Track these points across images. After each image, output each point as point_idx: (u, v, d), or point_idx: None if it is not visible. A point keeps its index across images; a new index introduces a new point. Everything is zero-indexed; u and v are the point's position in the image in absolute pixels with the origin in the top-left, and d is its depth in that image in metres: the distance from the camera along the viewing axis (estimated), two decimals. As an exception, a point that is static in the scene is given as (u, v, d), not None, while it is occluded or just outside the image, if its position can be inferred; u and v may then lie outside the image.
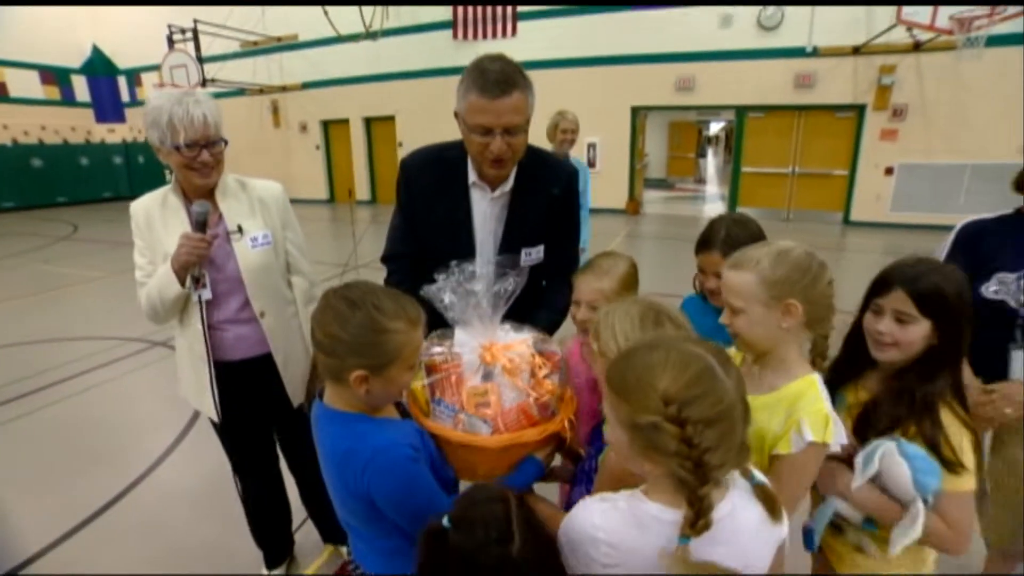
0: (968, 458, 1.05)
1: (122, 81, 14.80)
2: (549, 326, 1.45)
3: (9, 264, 7.51)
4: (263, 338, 1.62)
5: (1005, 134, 7.71)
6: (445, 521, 0.82)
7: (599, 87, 9.95)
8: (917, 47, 7.93)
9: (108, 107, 14.67)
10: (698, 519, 0.75)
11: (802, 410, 1.02)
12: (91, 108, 14.58)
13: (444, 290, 1.17)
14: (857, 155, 8.81)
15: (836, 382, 1.22)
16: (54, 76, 13.76)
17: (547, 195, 1.52)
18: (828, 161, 9.05)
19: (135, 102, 14.73)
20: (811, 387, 1.05)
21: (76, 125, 13.98)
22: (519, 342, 1.21)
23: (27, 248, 8.48)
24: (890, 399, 1.13)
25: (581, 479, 1.27)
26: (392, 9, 10.80)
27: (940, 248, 1.74)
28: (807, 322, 1.07)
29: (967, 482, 1.06)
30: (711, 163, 21.20)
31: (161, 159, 1.47)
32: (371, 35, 10.53)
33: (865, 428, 1.14)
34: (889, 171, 8.62)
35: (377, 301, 0.98)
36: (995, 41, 6.93)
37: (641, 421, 0.77)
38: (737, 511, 0.81)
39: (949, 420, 1.08)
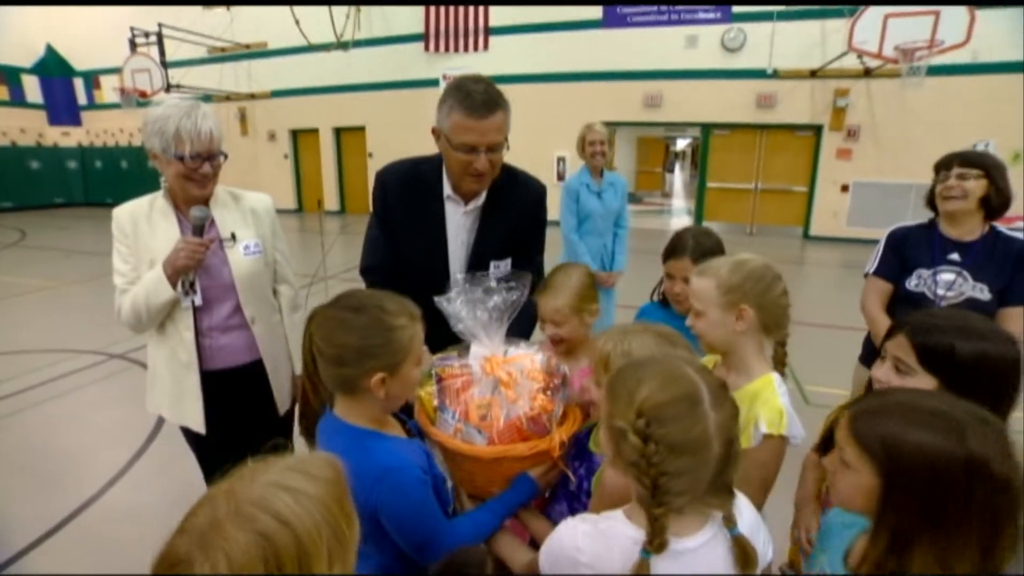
0: None
1: (79, 83, 14.24)
2: (519, 333, 1.45)
3: None
4: (250, 345, 1.62)
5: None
6: None
7: (569, 102, 10.14)
8: (867, 73, 8.40)
9: (62, 109, 14.05)
10: (654, 537, 0.74)
11: (759, 406, 1.11)
12: (44, 110, 13.95)
13: (454, 301, 1.21)
14: (815, 172, 9.23)
15: None
16: (3, 75, 13.13)
17: (516, 211, 1.59)
18: (789, 178, 9.44)
19: (93, 105, 14.18)
20: (767, 385, 1.14)
21: (26, 127, 13.34)
22: (524, 356, 1.22)
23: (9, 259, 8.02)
24: None
25: (560, 497, 1.28)
26: (364, 19, 10.79)
27: (873, 253, 1.96)
28: (763, 327, 1.17)
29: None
30: (678, 178, 21.82)
31: (157, 166, 1.48)
32: (342, 45, 10.48)
33: None
34: (845, 188, 9.06)
35: (378, 302, 1.02)
36: (936, 71, 7.40)
37: (615, 424, 0.78)
38: (708, 550, 0.78)
39: None
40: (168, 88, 10.43)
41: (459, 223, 1.57)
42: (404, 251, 1.56)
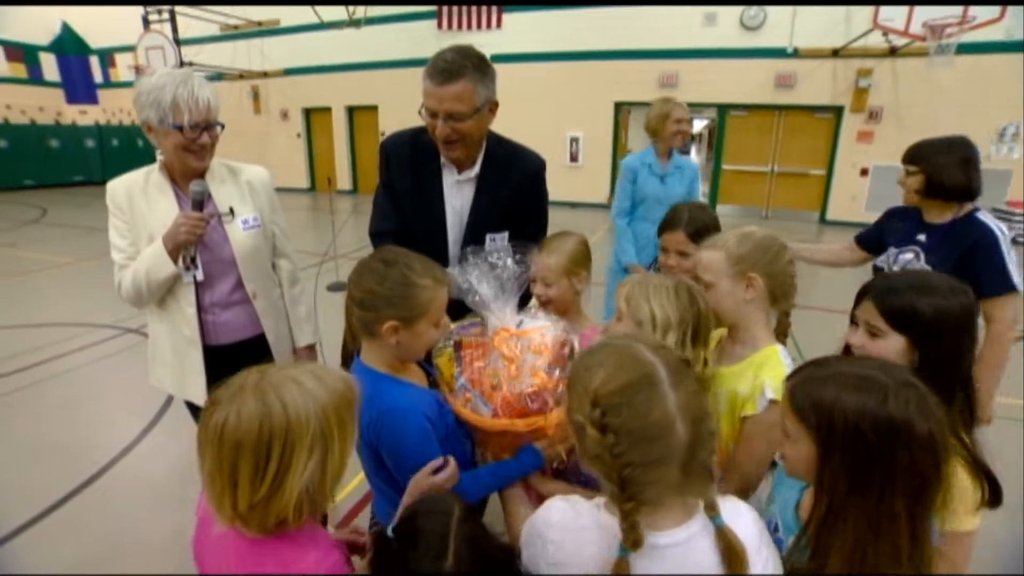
0: (965, 499, 0.86)
1: (94, 61, 14.33)
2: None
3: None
4: (252, 321, 1.63)
5: (973, 140, 7.93)
6: (389, 530, 0.84)
7: (583, 81, 9.97)
8: (893, 52, 8.11)
9: (80, 88, 14.18)
10: (628, 533, 0.69)
11: (765, 374, 1.14)
12: (61, 88, 14.08)
13: (466, 273, 1.24)
14: (834, 155, 9.00)
15: None
16: (21, 53, 13.25)
17: (513, 184, 1.62)
18: (806, 161, 9.22)
19: (108, 83, 14.27)
20: (773, 355, 1.18)
21: (45, 105, 13.47)
22: (536, 329, 1.23)
23: (27, 236, 8.18)
24: None
25: (566, 477, 1.27)
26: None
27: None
28: (770, 297, 1.20)
29: (966, 523, 0.88)
30: (694, 160, 21.38)
31: (153, 139, 1.46)
32: (355, 23, 10.36)
33: None
34: (864, 172, 8.83)
35: (408, 261, 1.10)
36: (965, 49, 7.12)
37: (574, 419, 0.74)
38: (691, 545, 0.73)
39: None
40: (181, 66, 10.43)
41: (454, 192, 1.61)
42: (407, 217, 1.62)
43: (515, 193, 1.62)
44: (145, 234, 1.48)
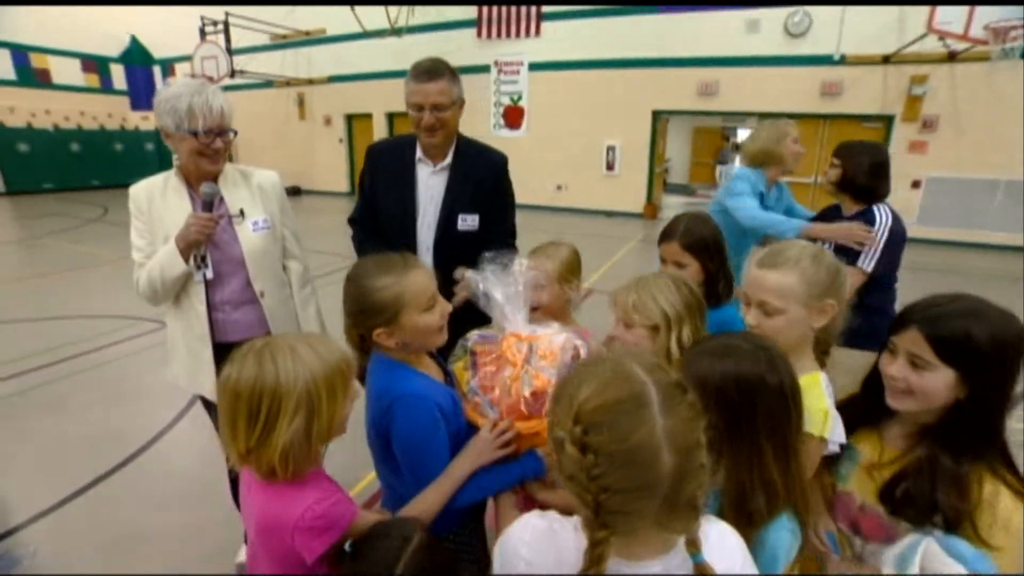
0: (1011, 534, 0.88)
1: (157, 71, 15.27)
2: None
3: (42, 243, 7.83)
4: (261, 319, 1.70)
5: (1041, 149, 7.43)
6: (347, 546, 0.85)
7: (621, 89, 9.89)
8: (952, 57, 7.69)
9: (143, 96, 15.14)
10: (590, 564, 0.64)
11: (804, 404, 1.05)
12: (127, 96, 15.07)
13: (480, 279, 1.28)
14: (883, 167, 8.58)
15: (850, 423, 1.08)
16: (95, 64, 14.27)
17: (479, 174, 1.89)
18: (853, 172, 8.84)
19: (169, 91, 15.15)
20: (815, 384, 1.08)
21: (112, 112, 14.47)
22: (545, 336, 1.25)
23: (60, 228, 8.83)
24: (916, 473, 0.97)
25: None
26: (418, 6, 10.91)
27: None
28: (832, 321, 1.13)
29: (1009, 563, 0.88)
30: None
31: (170, 144, 1.55)
32: (396, 31, 10.66)
33: (893, 502, 1.00)
34: (916, 184, 8.38)
35: (362, 270, 1.14)
36: (1032, 53, 6.68)
37: (555, 434, 0.69)
38: (726, 537, 0.72)
39: (995, 493, 0.90)
40: (233, 74, 10.99)
41: (429, 183, 1.88)
42: (381, 206, 1.90)
43: (482, 181, 1.89)
44: (162, 234, 1.57)
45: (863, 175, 2.06)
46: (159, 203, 1.59)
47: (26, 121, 12.55)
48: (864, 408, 1.08)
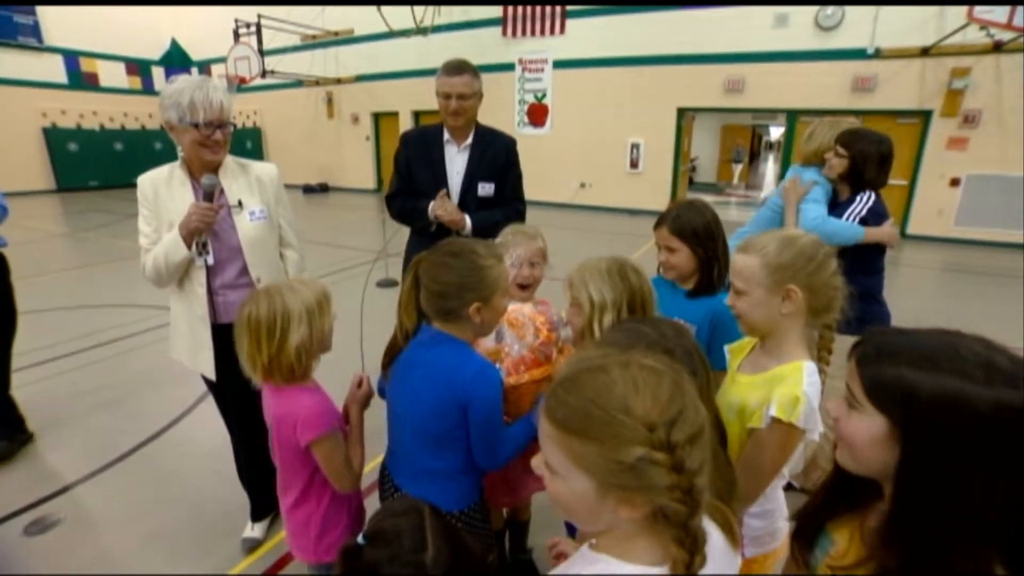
0: None
1: (194, 72, 15.86)
2: (504, 219, 2.11)
3: (86, 236, 8.27)
4: None
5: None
6: (360, 538, 0.83)
7: (645, 87, 9.80)
8: (997, 48, 7.33)
9: (182, 96, 15.74)
10: (693, 558, 0.62)
11: (778, 390, 1.07)
12: (167, 97, 15.70)
13: None
14: (919, 165, 8.27)
15: (836, 502, 0.82)
16: (137, 67, 14.92)
17: (494, 151, 2.34)
18: (886, 169, 8.53)
19: (206, 92, 15.72)
20: (796, 371, 1.09)
21: (153, 112, 15.05)
22: (520, 306, 1.59)
23: (103, 223, 9.29)
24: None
25: None
26: (444, 6, 11.04)
27: None
28: (810, 310, 1.11)
29: None
30: (770, 169, 20.38)
31: (174, 137, 1.66)
32: (422, 31, 10.80)
33: None
34: (955, 182, 8.04)
35: (472, 247, 1.25)
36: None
37: (626, 459, 0.61)
38: (710, 536, 0.70)
39: None
40: (264, 74, 11.33)
41: (455, 159, 2.33)
42: (417, 179, 2.33)
43: (496, 158, 2.34)
44: (166, 222, 1.68)
45: (872, 166, 2.03)
46: (164, 193, 1.69)
47: (75, 122, 13.24)
48: (847, 482, 0.77)
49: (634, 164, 10.42)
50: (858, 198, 2.11)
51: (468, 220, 2.24)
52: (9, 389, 2.70)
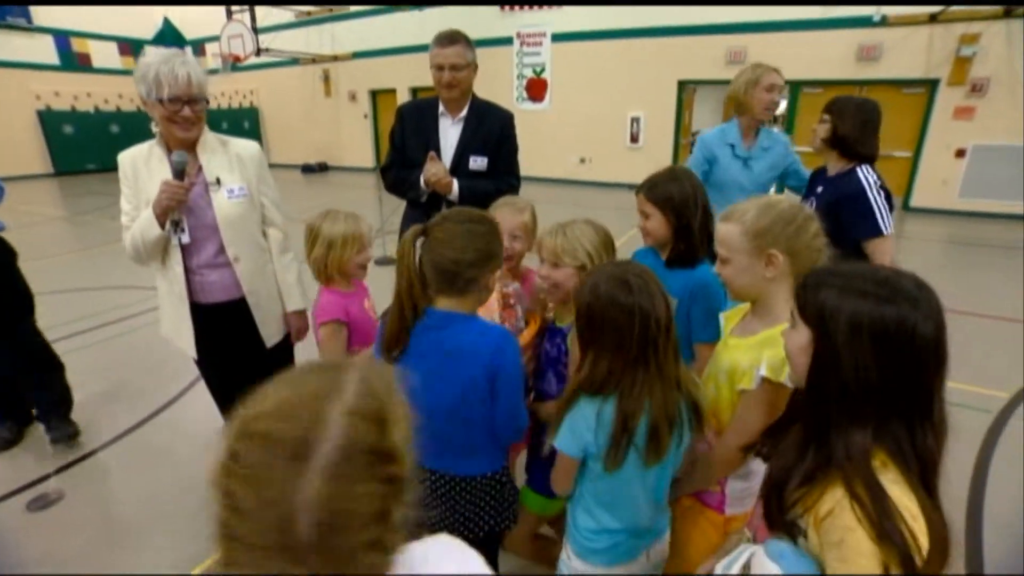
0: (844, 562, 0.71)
1: (188, 52, 15.57)
2: (494, 191, 2.10)
3: (84, 219, 8.28)
4: (235, 283, 1.77)
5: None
6: None
7: (645, 59, 9.59)
8: (1008, 12, 7.11)
9: (177, 76, 15.51)
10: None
11: (768, 351, 1.09)
12: (162, 77, 15.46)
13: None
14: (924, 135, 8.11)
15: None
16: (130, 47, 14.68)
17: (488, 125, 2.29)
18: (890, 142, 8.35)
19: (201, 71, 15.49)
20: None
21: (149, 93, 14.92)
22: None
23: (101, 205, 9.27)
24: (778, 457, 0.88)
25: (546, 368, 1.53)
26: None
27: None
28: (794, 273, 1.13)
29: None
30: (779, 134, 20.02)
31: (148, 112, 1.63)
32: (417, 4, 10.56)
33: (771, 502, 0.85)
34: (960, 153, 7.89)
35: (484, 214, 1.25)
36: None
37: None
38: None
39: (838, 509, 0.72)
40: (258, 52, 11.14)
41: (449, 132, 2.29)
42: (411, 152, 2.29)
43: (490, 132, 2.29)
44: (145, 198, 1.66)
45: (855, 131, 1.97)
46: (143, 170, 1.68)
47: (70, 105, 13.09)
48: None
49: (634, 138, 10.28)
50: (862, 177, 1.94)
51: (455, 185, 2.19)
52: (62, 371, 2.71)
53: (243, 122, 14.47)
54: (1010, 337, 3.85)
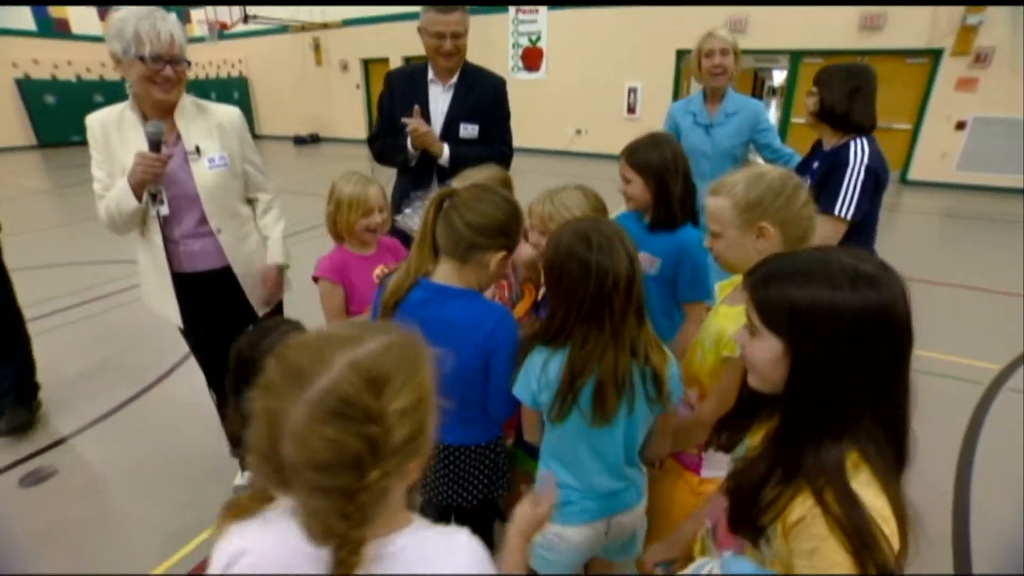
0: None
1: (172, 18, 15.07)
2: (487, 157, 1.99)
3: (71, 192, 8.10)
4: (219, 252, 1.73)
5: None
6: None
7: (643, 29, 9.36)
8: (1015, -20, 6.93)
9: (161, 43, 15.03)
10: None
11: None
12: (146, 44, 14.98)
13: (413, 218, 1.40)
14: (925, 106, 8.00)
15: (751, 410, 0.89)
16: (104, 12, 14.17)
17: (479, 91, 2.22)
18: (891, 113, 8.24)
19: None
20: None
21: (132, 61, 14.47)
22: None
23: (88, 178, 8.99)
24: (741, 477, 0.80)
25: None
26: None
27: None
28: (786, 243, 1.11)
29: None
30: (773, 116, 19.82)
31: (121, 72, 1.52)
32: (409, -32, 10.19)
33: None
34: (961, 125, 7.81)
35: (516, 203, 1.19)
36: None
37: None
38: None
39: (809, 519, 0.68)
40: (246, 19, 10.78)
41: (439, 98, 2.21)
42: (398, 120, 2.14)
43: (481, 98, 2.22)
44: (119, 166, 1.58)
45: (842, 101, 1.83)
46: (115, 136, 1.59)
47: (50, 73, 12.67)
48: (759, 398, 0.83)
49: (631, 109, 10.10)
50: (852, 152, 1.81)
51: (446, 149, 2.13)
52: (29, 348, 2.60)
53: (232, 92, 14.09)
54: (1004, 310, 3.87)
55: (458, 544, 0.65)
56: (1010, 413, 2.65)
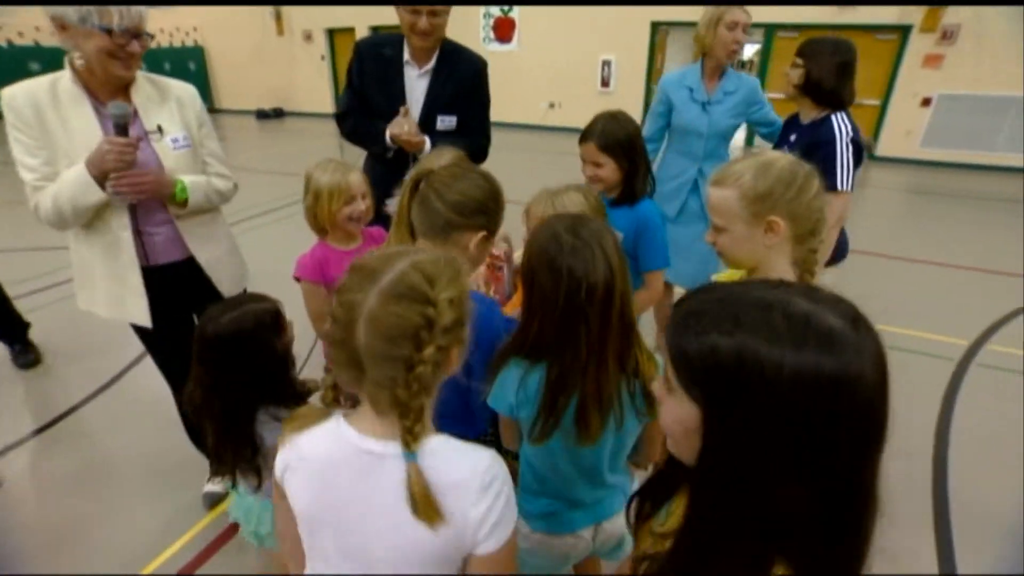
0: None
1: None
2: (468, 154, 1.74)
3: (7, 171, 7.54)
4: (179, 238, 1.61)
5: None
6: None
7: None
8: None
9: (107, 8, 14.02)
10: None
11: None
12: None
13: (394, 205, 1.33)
14: (893, 83, 8.11)
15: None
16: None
17: (459, 77, 2.03)
18: (861, 90, 8.24)
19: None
20: None
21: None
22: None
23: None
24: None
25: None
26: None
27: None
28: (795, 237, 1.04)
29: None
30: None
31: (64, 40, 1.33)
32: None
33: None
34: (926, 102, 7.95)
35: (496, 182, 1.15)
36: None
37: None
38: None
39: None
40: (199, -18, 10.09)
41: (414, 85, 2.02)
42: (371, 101, 2.03)
43: (460, 84, 2.04)
44: (62, 155, 1.40)
45: (830, 76, 1.82)
46: (52, 116, 1.40)
47: (-22, 38, 11.69)
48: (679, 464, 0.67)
49: (605, 83, 9.97)
50: (836, 127, 1.83)
51: (428, 142, 1.98)
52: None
53: (188, 62, 13.26)
54: (970, 285, 3.98)
55: (482, 451, 0.76)
56: (982, 387, 2.73)
